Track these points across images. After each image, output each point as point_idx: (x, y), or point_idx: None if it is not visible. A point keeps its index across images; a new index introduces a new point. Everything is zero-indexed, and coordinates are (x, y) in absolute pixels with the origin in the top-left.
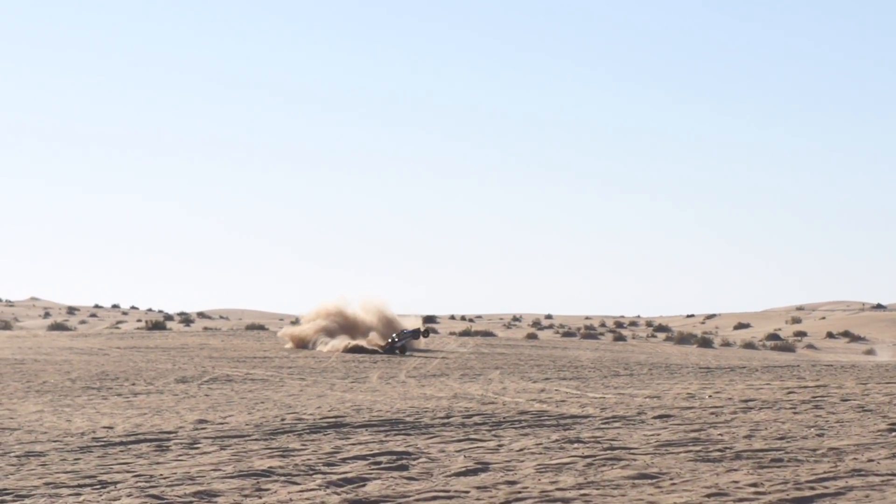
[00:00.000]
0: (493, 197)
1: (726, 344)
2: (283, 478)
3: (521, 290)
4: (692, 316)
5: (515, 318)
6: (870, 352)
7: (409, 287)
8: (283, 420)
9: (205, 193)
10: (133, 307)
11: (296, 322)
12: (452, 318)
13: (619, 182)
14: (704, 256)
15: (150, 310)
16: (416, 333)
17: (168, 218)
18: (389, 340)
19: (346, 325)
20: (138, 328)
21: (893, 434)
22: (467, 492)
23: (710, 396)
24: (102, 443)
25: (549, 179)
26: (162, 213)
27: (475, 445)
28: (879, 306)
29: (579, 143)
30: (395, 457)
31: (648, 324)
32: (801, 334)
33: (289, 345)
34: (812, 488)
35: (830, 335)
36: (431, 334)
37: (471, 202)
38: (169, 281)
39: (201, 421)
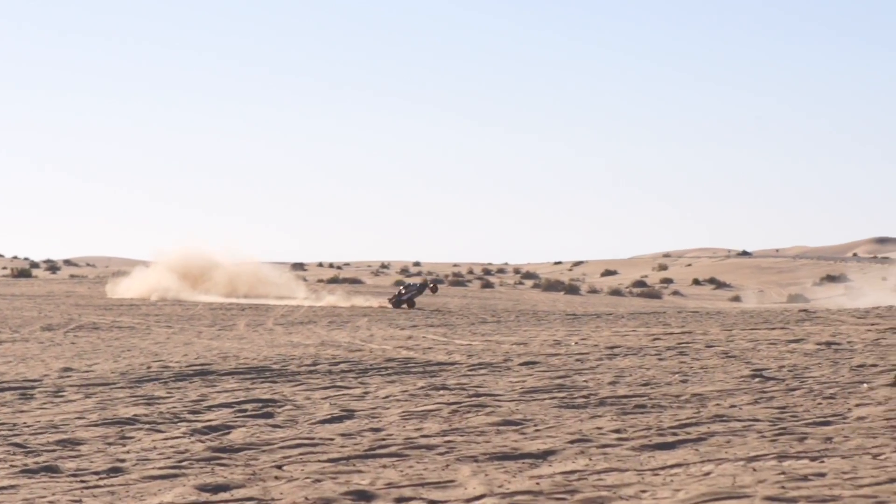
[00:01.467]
0: (361, 144)
1: (593, 291)
2: (147, 426)
3: (389, 237)
4: (560, 263)
5: (384, 266)
6: (735, 298)
7: (277, 234)
8: (148, 368)
9: (67, 142)
10: None
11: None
12: (320, 265)
13: (487, 127)
14: (572, 204)
15: (15, 257)
16: (422, 288)
17: (33, 166)
18: (397, 293)
19: (191, 276)
20: (3, 276)
21: (757, 380)
22: (332, 439)
23: (575, 343)
24: None
25: (418, 126)
26: (27, 161)
27: (341, 393)
28: (745, 253)
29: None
30: (260, 404)
31: (516, 271)
32: (668, 281)
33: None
34: (675, 434)
35: (697, 282)
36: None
37: (340, 150)
38: (34, 228)
39: (66, 369)
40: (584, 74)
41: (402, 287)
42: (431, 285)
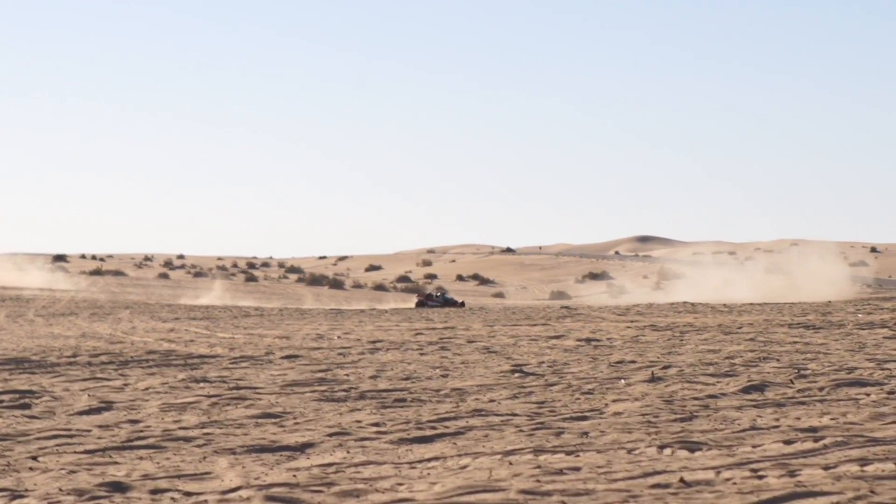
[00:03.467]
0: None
1: (358, 286)
2: None
3: (152, 229)
4: (324, 258)
5: (147, 258)
6: (499, 294)
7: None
8: None
9: None
10: None
11: None
12: (83, 257)
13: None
14: (336, 199)
15: None
16: (455, 303)
17: None
18: (425, 296)
19: None
20: None
21: (516, 375)
22: (89, 430)
23: (338, 337)
24: None
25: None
26: None
27: (100, 385)
28: (509, 250)
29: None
30: (18, 395)
31: (280, 265)
32: (432, 276)
33: None
34: (433, 428)
35: (461, 277)
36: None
37: (100, 141)
38: None
39: None
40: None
41: (433, 293)
42: (461, 303)
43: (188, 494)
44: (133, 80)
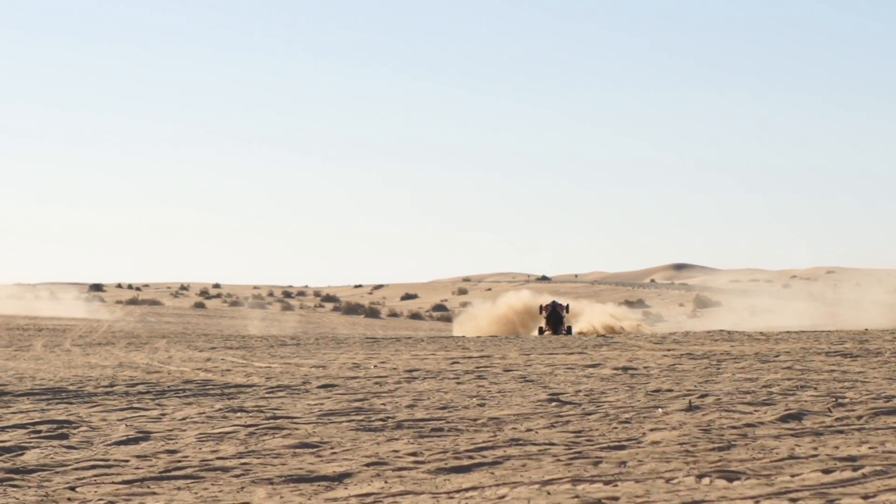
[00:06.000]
0: (159, 165)
1: (393, 314)
2: None
3: (188, 259)
4: (360, 286)
5: (183, 287)
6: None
7: (73, 254)
8: None
9: None
10: None
11: None
12: (119, 286)
13: (287, 151)
14: (373, 227)
15: None
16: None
17: None
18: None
19: None
20: None
21: (553, 404)
22: (127, 460)
23: (374, 366)
24: None
25: (215, 149)
26: None
27: (138, 414)
28: (544, 278)
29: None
30: (55, 425)
31: (316, 293)
32: (468, 305)
33: None
34: (471, 457)
35: None
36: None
37: (135, 171)
38: None
39: None
40: (382, 100)
41: (550, 306)
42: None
43: None
44: (170, 108)
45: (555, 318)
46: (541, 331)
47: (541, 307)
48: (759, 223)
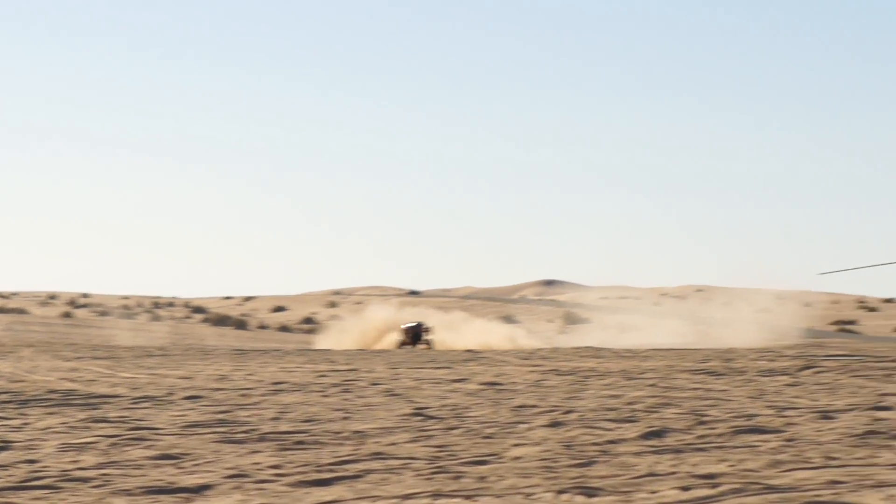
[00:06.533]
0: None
1: (263, 326)
2: None
3: (57, 268)
4: (230, 298)
5: (51, 296)
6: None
7: None
8: None
9: None
10: None
11: None
12: None
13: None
14: (245, 238)
15: None
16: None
17: None
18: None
19: None
20: None
21: (417, 418)
22: None
23: (242, 379)
24: None
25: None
26: None
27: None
28: (415, 292)
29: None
30: None
31: (186, 304)
32: (338, 318)
33: None
34: (332, 471)
35: None
36: None
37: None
38: None
39: None
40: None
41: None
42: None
43: None
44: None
45: (415, 336)
46: (402, 344)
47: (403, 330)
48: (629, 240)
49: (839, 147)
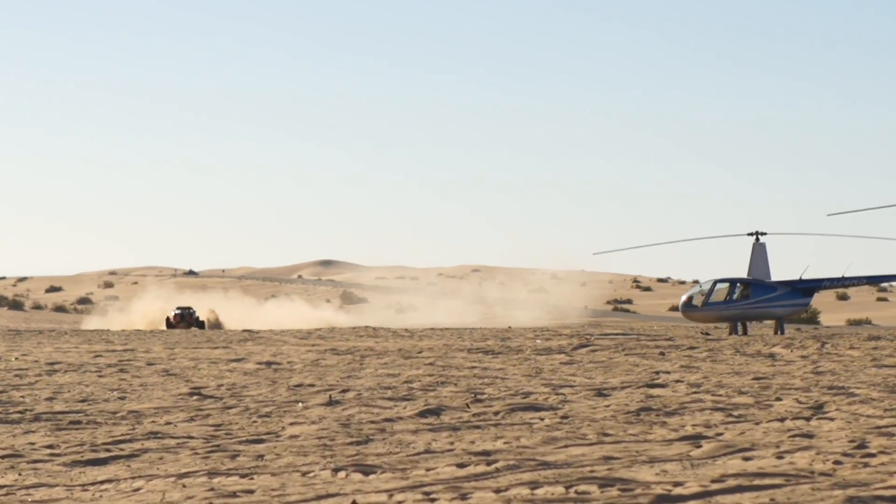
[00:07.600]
0: None
1: (38, 307)
2: None
3: None
4: (3, 278)
5: None
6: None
7: None
8: None
9: None
10: None
11: None
12: None
13: None
14: (18, 218)
15: None
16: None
17: None
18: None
19: None
20: None
21: (194, 398)
22: None
23: (16, 359)
24: None
25: None
26: None
27: None
28: (192, 272)
29: None
30: None
31: None
32: (114, 298)
33: None
34: (108, 450)
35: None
36: None
37: None
38: None
39: None
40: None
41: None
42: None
43: None
44: None
45: (186, 319)
46: (169, 323)
47: (168, 317)
48: (406, 220)
49: (611, 131)
